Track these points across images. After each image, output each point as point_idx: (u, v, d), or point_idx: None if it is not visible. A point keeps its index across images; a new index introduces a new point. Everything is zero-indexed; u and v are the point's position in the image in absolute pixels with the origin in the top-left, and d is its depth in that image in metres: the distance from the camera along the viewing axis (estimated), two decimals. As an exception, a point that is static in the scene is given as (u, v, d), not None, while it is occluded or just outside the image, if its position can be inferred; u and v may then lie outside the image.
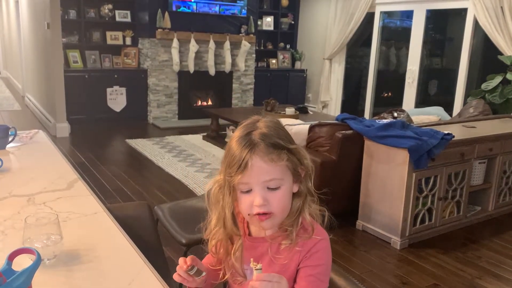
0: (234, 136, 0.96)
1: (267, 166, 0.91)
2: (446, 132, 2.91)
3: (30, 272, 0.77)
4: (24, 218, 1.07)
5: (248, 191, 0.93)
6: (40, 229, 1.08)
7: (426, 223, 3.00)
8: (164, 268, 1.51)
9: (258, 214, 0.93)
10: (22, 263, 0.82)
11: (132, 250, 1.15)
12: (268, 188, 0.92)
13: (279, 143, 0.93)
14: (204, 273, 0.97)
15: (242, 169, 0.91)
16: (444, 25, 6.41)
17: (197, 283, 0.99)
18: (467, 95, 5.26)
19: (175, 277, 0.96)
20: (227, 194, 0.96)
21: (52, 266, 1.06)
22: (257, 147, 0.91)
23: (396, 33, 7.01)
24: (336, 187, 3.09)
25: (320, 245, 0.95)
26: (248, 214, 0.95)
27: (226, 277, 1.04)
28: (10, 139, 2.00)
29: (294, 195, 0.97)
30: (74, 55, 6.16)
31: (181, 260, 0.95)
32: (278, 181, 0.92)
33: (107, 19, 6.39)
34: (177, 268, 0.96)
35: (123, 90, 6.34)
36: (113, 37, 6.45)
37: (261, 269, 0.83)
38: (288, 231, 0.96)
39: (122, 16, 6.48)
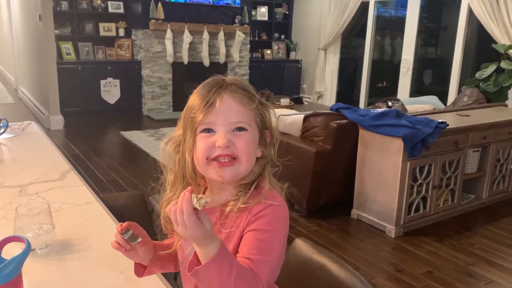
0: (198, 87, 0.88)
1: (237, 106, 0.83)
2: (440, 120, 2.92)
3: (19, 260, 0.77)
4: (15, 208, 1.07)
5: (209, 131, 0.83)
6: (32, 219, 1.07)
7: (421, 211, 3.02)
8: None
9: (220, 158, 0.83)
10: (12, 252, 0.81)
11: (125, 239, 1.15)
12: (232, 131, 0.83)
13: (250, 90, 0.86)
14: (139, 239, 0.87)
15: (209, 106, 0.81)
16: (438, 14, 6.40)
17: (139, 256, 0.89)
18: (461, 84, 5.27)
19: (112, 244, 0.87)
20: (189, 136, 0.85)
21: (44, 255, 1.05)
22: (229, 86, 0.84)
23: (391, 22, 6.99)
24: (330, 177, 3.10)
25: (270, 210, 0.82)
26: (207, 159, 0.83)
27: (174, 247, 0.92)
28: (1, 130, 1.98)
29: (257, 159, 0.87)
30: (67, 47, 6.11)
31: (118, 225, 0.87)
32: (246, 125, 0.83)
33: (99, 10, 6.32)
34: (115, 234, 0.87)
35: (117, 82, 6.30)
36: (106, 29, 6.39)
37: (201, 205, 0.71)
38: (238, 195, 0.84)
39: (115, 7, 6.42)
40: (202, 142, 0.83)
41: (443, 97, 5.17)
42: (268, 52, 7.93)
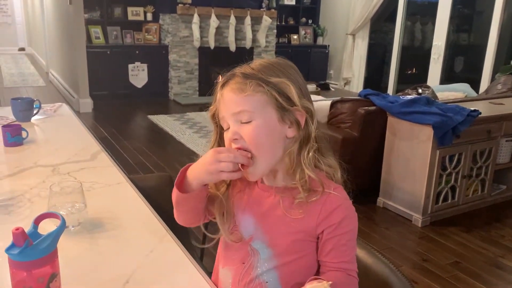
0: None
1: (235, 96, 0.84)
2: (472, 108, 2.84)
3: (55, 235, 0.79)
4: (49, 186, 1.10)
5: (228, 129, 0.87)
6: (65, 197, 1.10)
7: (449, 201, 2.96)
8: (185, 238, 1.53)
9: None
10: (47, 228, 0.83)
11: (154, 219, 1.17)
12: (241, 122, 0.84)
13: (255, 74, 0.84)
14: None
15: (214, 101, 0.89)
16: (473, -2, 6.18)
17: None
18: (495, 71, 5.09)
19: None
20: (214, 131, 0.92)
21: (77, 233, 1.08)
22: (231, 79, 0.85)
23: (422, 7, 6.79)
24: (357, 164, 3.06)
25: (344, 210, 0.88)
26: None
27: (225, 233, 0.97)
28: (35, 111, 2.03)
29: (289, 139, 0.86)
30: (96, 31, 6.19)
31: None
32: (250, 114, 0.83)
33: (128, -6, 6.37)
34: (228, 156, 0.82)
35: (145, 66, 6.36)
36: (134, 13, 6.44)
37: None
38: (297, 183, 0.85)
39: (143, -9, 6.45)
40: (225, 139, 0.87)
41: (475, 85, 5.01)
42: (295, 37, 7.83)
